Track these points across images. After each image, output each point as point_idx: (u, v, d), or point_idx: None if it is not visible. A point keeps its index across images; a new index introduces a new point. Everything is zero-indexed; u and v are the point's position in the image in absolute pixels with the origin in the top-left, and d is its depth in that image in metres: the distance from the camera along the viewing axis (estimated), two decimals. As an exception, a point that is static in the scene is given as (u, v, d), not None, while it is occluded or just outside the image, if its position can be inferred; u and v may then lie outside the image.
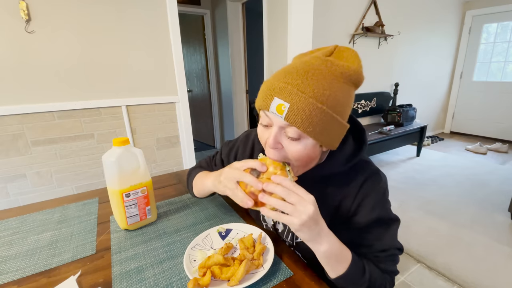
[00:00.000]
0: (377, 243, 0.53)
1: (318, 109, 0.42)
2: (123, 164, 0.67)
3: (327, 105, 0.42)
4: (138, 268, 0.58)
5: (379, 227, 0.53)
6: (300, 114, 0.42)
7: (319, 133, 0.44)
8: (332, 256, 0.47)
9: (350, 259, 0.48)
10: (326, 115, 0.42)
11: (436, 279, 1.43)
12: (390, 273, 0.54)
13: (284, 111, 0.42)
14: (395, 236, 0.55)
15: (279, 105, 0.43)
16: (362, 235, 0.53)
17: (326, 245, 0.45)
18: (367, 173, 0.53)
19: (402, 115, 3.08)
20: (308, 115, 0.42)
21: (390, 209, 0.55)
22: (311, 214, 0.41)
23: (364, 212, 0.52)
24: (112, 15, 1.58)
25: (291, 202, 0.42)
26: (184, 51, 3.72)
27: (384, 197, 0.54)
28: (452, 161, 3.18)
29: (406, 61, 3.54)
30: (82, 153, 1.66)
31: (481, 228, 1.84)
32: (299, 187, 0.44)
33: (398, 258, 0.55)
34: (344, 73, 0.44)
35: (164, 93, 1.86)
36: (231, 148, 0.75)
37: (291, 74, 0.44)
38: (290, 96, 0.42)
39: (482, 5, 3.83)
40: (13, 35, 1.37)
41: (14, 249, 0.65)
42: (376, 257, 0.53)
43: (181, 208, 0.84)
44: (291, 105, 0.42)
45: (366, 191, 0.52)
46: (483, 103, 4.08)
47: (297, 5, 1.94)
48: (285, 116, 0.42)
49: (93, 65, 1.59)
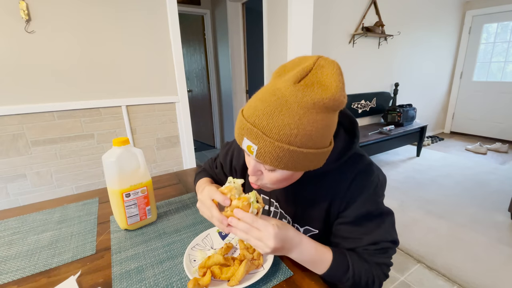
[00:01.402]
0: (366, 237, 0.53)
1: (285, 150, 0.41)
2: (123, 164, 0.67)
3: (295, 144, 0.41)
4: (138, 268, 0.58)
5: (369, 221, 0.53)
6: (268, 156, 0.42)
7: (292, 167, 0.44)
8: (307, 262, 0.50)
9: (329, 261, 0.50)
10: (295, 153, 0.41)
11: (436, 279, 1.43)
12: (380, 265, 0.53)
13: (253, 152, 0.43)
14: (388, 230, 0.54)
15: (249, 146, 0.43)
16: (351, 228, 0.54)
17: (295, 255, 0.49)
18: (358, 169, 0.53)
19: (402, 115, 3.08)
20: (276, 156, 0.42)
21: (382, 203, 0.55)
22: (272, 248, 0.45)
23: (353, 208, 0.53)
24: (112, 15, 1.58)
25: (253, 237, 0.46)
26: (184, 51, 3.72)
27: (374, 192, 0.53)
28: (452, 161, 3.18)
29: (406, 61, 3.54)
30: (82, 153, 1.66)
31: (481, 228, 1.84)
32: (258, 221, 0.46)
33: (391, 251, 0.54)
34: (316, 103, 0.39)
35: (164, 93, 1.86)
36: (227, 151, 0.75)
37: (258, 112, 0.42)
38: (257, 139, 0.41)
39: (482, 5, 3.83)
40: (13, 35, 1.37)
41: (14, 249, 0.65)
42: (366, 250, 0.53)
43: (181, 208, 0.84)
44: (258, 148, 0.42)
45: (355, 189, 0.52)
46: (483, 103, 4.08)
47: (297, 5, 1.94)
48: (255, 156, 0.43)
49: (93, 65, 1.59)
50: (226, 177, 0.75)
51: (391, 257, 0.55)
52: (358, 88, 3.10)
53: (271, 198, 0.66)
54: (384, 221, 0.54)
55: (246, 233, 0.46)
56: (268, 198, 0.66)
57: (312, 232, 0.60)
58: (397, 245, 0.55)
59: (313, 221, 0.59)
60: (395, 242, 0.54)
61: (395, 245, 0.55)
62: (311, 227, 0.60)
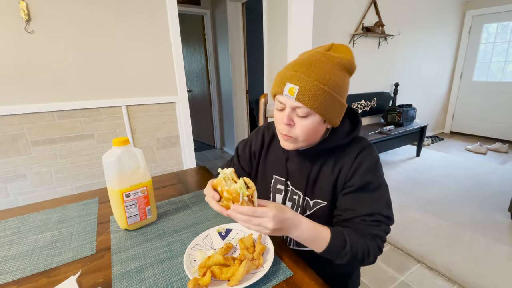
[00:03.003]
0: (363, 207, 0.58)
1: (321, 89, 0.52)
2: (123, 164, 0.67)
3: (328, 86, 0.53)
4: (138, 268, 0.58)
5: (368, 192, 0.59)
6: (307, 94, 0.52)
7: (323, 110, 0.54)
8: (306, 240, 0.54)
9: (328, 238, 0.53)
10: (328, 94, 0.53)
11: (436, 279, 1.43)
12: (374, 237, 0.57)
13: (295, 92, 0.53)
14: (383, 204, 0.59)
15: (291, 88, 0.53)
16: (352, 199, 0.60)
17: (295, 233, 0.53)
18: (363, 145, 0.62)
19: (402, 115, 3.08)
20: (314, 94, 0.52)
21: (381, 177, 0.61)
22: (272, 229, 0.49)
23: (357, 176, 0.60)
24: (112, 15, 1.58)
25: (254, 224, 0.50)
26: (184, 51, 3.72)
27: (376, 165, 0.61)
28: (452, 161, 3.18)
29: (406, 61, 3.54)
30: (82, 153, 1.66)
31: (481, 228, 1.84)
32: (256, 209, 0.50)
33: (385, 226, 0.59)
34: (340, 62, 0.55)
35: (164, 93, 1.86)
36: (245, 143, 0.81)
37: (298, 65, 0.54)
38: (299, 81, 0.52)
39: (482, 5, 3.83)
40: (13, 35, 1.37)
41: (14, 249, 0.65)
42: (363, 220, 0.58)
43: (181, 208, 0.84)
44: (300, 87, 0.52)
45: (360, 159, 0.60)
46: (483, 103, 4.08)
47: (297, 5, 1.94)
48: (296, 96, 0.53)
49: (93, 65, 1.59)
50: (243, 170, 0.80)
51: (385, 232, 0.59)
52: (358, 88, 3.10)
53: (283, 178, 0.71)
54: (381, 195, 0.60)
55: (247, 222, 0.50)
56: (284, 179, 0.71)
57: (321, 204, 0.65)
58: (391, 222, 0.60)
59: (322, 193, 0.65)
60: (389, 218, 0.60)
61: (389, 222, 0.60)
62: (320, 199, 0.65)
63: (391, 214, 0.61)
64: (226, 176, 0.55)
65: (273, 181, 0.73)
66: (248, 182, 0.53)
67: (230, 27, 3.04)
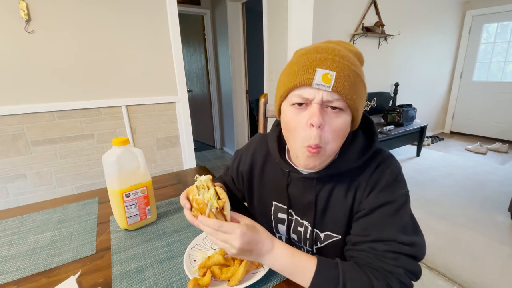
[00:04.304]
0: (374, 231, 0.46)
1: (356, 75, 0.43)
2: (123, 164, 0.67)
3: (360, 72, 0.44)
4: (138, 268, 0.58)
5: (382, 213, 0.47)
6: (346, 80, 0.41)
7: (358, 103, 0.44)
8: (283, 270, 0.46)
9: (313, 270, 0.44)
10: (363, 83, 0.45)
11: (436, 279, 1.43)
12: (386, 274, 0.43)
13: (331, 79, 0.41)
14: (402, 228, 0.46)
15: (325, 75, 0.41)
16: (362, 222, 0.49)
17: (268, 262, 0.46)
18: (380, 159, 0.51)
19: (402, 115, 3.08)
20: (353, 82, 0.42)
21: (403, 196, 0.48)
22: (238, 249, 0.43)
23: (371, 196, 0.48)
24: (112, 15, 1.58)
25: (219, 239, 0.44)
26: (184, 51, 3.72)
27: (395, 181, 0.49)
28: (452, 161, 3.18)
29: (406, 61, 3.54)
30: (82, 153, 1.66)
31: (481, 228, 1.84)
32: (224, 225, 0.44)
33: (406, 260, 0.44)
34: (353, 51, 0.47)
35: (164, 93, 1.86)
36: (235, 159, 0.74)
37: (326, 50, 0.43)
38: (335, 64, 0.41)
39: (482, 5, 3.83)
40: (13, 35, 1.37)
41: (14, 249, 0.65)
42: (372, 248, 0.45)
43: (181, 208, 0.83)
44: (337, 72, 0.41)
45: (377, 176, 0.49)
46: (483, 103, 4.08)
47: (297, 5, 1.94)
48: (333, 82, 0.41)
49: (93, 65, 1.59)
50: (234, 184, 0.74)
51: (408, 270, 0.43)
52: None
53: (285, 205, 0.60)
54: (401, 218, 0.46)
55: (213, 235, 0.45)
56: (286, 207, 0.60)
57: (334, 238, 0.54)
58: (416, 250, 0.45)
59: (334, 224, 0.54)
60: (412, 245, 0.45)
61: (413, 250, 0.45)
62: (332, 232, 0.54)
63: (418, 240, 0.46)
64: (201, 184, 0.49)
65: (273, 209, 0.62)
66: (220, 193, 0.48)
67: (230, 27, 3.04)
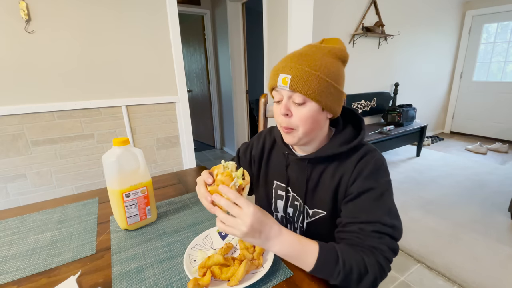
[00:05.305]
0: (363, 214, 0.54)
1: (313, 75, 0.52)
2: (123, 164, 0.67)
3: (320, 72, 0.52)
4: (138, 268, 0.58)
5: (368, 198, 0.55)
6: (300, 81, 0.52)
7: (318, 95, 0.53)
8: (290, 254, 0.49)
9: (316, 252, 0.48)
10: (321, 79, 0.52)
11: (436, 279, 1.43)
12: (373, 250, 0.50)
13: (288, 82, 0.53)
14: (385, 211, 0.53)
15: (284, 78, 0.54)
16: (351, 206, 0.56)
17: (277, 247, 0.49)
18: (365, 150, 0.59)
19: (402, 115, 3.08)
20: (306, 80, 0.52)
21: (386, 183, 0.56)
22: (249, 226, 0.46)
23: (357, 182, 0.56)
24: (112, 15, 1.58)
25: (233, 214, 0.47)
26: (184, 51, 3.72)
27: (379, 170, 0.57)
28: (452, 161, 3.18)
29: (406, 61, 3.54)
30: (82, 153, 1.66)
31: (481, 228, 1.84)
32: (241, 198, 0.47)
33: (389, 239, 0.52)
34: (330, 51, 0.56)
35: (164, 93, 1.86)
36: (247, 146, 0.81)
37: (289, 57, 0.56)
38: (291, 70, 0.53)
39: (482, 5, 3.83)
40: (13, 35, 1.37)
41: (14, 249, 0.65)
42: (361, 229, 0.52)
43: (181, 208, 0.84)
44: (292, 76, 0.53)
45: (362, 165, 0.57)
46: (483, 103, 4.08)
47: (297, 5, 1.94)
48: (289, 85, 0.53)
49: (93, 65, 1.59)
50: None
51: (389, 247, 0.51)
52: (358, 88, 3.10)
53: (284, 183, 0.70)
54: (385, 203, 0.54)
55: (227, 209, 0.48)
56: (285, 185, 0.69)
57: (321, 214, 0.63)
58: (396, 233, 0.53)
59: (321, 202, 0.62)
60: (394, 228, 0.53)
61: (394, 232, 0.53)
62: (319, 209, 0.63)
63: (398, 224, 0.54)
64: (227, 166, 0.54)
65: (274, 187, 0.72)
66: (246, 174, 0.53)
67: (230, 27, 3.04)
